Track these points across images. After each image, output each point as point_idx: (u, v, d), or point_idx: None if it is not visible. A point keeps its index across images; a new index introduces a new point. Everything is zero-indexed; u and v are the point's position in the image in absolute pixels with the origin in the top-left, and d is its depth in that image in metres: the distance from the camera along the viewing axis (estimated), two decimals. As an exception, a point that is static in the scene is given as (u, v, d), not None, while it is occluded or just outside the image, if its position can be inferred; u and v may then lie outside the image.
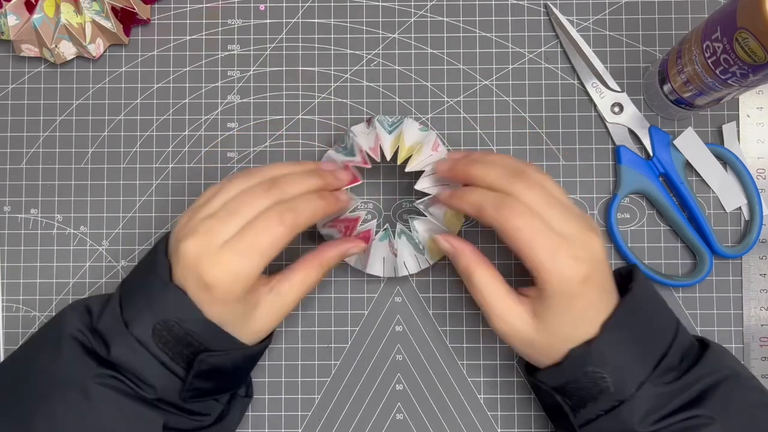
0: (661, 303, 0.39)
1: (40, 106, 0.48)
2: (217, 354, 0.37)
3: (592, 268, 0.36)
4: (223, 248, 0.36)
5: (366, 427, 0.46)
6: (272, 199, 0.37)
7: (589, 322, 0.36)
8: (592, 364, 0.36)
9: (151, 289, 0.37)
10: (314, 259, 0.39)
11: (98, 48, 0.47)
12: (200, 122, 0.47)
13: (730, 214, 0.47)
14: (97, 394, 0.35)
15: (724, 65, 0.38)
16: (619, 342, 0.36)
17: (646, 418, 0.35)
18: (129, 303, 0.37)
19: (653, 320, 0.38)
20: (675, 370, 0.36)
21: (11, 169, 0.47)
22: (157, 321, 0.36)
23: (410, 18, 0.48)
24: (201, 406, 0.39)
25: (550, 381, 0.37)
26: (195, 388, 0.37)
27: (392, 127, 0.44)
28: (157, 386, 0.36)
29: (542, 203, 0.36)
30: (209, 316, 0.36)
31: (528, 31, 0.48)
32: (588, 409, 0.36)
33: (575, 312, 0.36)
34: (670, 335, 0.37)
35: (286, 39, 0.48)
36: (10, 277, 0.47)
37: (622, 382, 0.35)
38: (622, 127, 0.47)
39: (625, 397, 0.35)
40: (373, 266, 0.44)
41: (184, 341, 0.36)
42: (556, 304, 0.36)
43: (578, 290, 0.35)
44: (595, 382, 0.36)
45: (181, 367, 0.36)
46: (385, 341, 0.46)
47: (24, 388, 0.36)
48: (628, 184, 0.46)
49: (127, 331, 0.36)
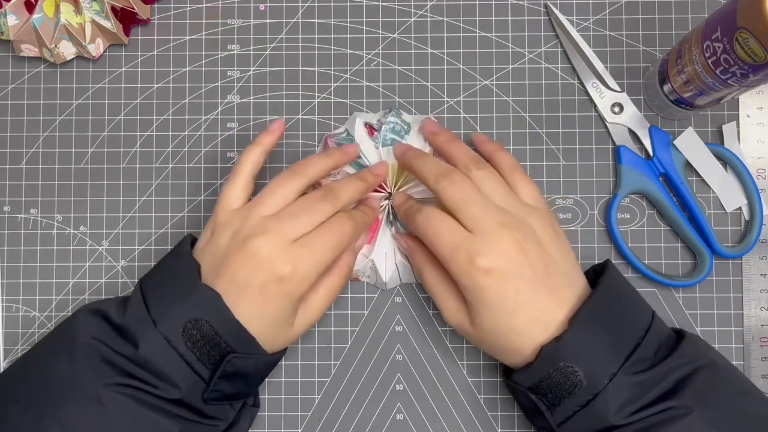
0: (634, 296, 0.39)
1: (40, 106, 0.48)
2: (243, 357, 0.37)
3: (496, 260, 0.37)
4: (295, 245, 0.38)
5: (366, 427, 0.46)
6: (333, 205, 0.40)
7: (510, 315, 0.37)
8: (562, 359, 0.36)
9: (181, 289, 0.37)
10: (336, 271, 0.42)
11: (98, 48, 0.47)
12: (200, 122, 0.47)
13: (730, 214, 0.47)
14: (111, 401, 0.35)
15: (724, 65, 0.38)
16: (588, 335, 0.36)
17: (622, 410, 0.35)
18: (156, 302, 0.37)
19: (625, 312, 0.38)
20: (649, 361, 0.36)
21: (11, 169, 0.47)
22: (188, 319, 0.36)
23: (410, 18, 0.48)
24: (218, 411, 0.39)
25: (525, 381, 0.37)
26: (218, 390, 0.37)
27: (394, 135, 0.45)
28: (183, 386, 0.36)
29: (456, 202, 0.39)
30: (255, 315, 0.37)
31: (528, 31, 0.48)
32: (564, 406, 0.36)
33: (490, 304, 0.37)
34: (643, 327, 0.37)
35: (286, 39, 0.48)
36: (10, 277, 0.47)
37: (594, 375, 0.35)
38: (622, 127, 0.47)
39: (598, 390, 0.35)
40: (379, 261, 0.44)
41: (213, 342, 0.36)
42: (469, 298, 0.38)
43: (482, 283, 0.37)
44: (567, 377, 0.36)
45: (207, 368, 0.37)
46: (385, 341, 0.46)
47: (37, 394, 0.36)
48: (628, 184, 0.46)
49: (155, 329, 0.36)
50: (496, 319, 0.37)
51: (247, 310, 0.37)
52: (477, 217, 0.38)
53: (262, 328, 0.38)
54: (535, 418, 0.39)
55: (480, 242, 0.37)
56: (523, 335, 0.37)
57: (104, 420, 0.35)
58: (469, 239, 0.37)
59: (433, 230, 0.38)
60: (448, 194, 0.39)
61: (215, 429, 0.39)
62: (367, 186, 0.43)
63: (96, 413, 0.35)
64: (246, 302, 0.37)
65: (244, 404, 0.42)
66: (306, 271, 0.37)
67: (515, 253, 0.37)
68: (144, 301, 0.37)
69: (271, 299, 0.37)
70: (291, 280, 0.37)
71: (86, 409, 0.35)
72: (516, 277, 0.37)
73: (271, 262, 0.37)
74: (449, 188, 0.39)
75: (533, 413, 0.39)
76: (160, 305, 0.37)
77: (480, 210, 0.38)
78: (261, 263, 0.37)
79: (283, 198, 0.39)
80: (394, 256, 0.44)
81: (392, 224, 0.44)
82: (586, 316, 0.36)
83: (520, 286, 0.37)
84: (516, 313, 0.37)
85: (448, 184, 0.39)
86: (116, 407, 0.35)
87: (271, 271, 0.37)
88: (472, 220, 0.38)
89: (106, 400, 0.35)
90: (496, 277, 0.37)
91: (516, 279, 0.37)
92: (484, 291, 0.37)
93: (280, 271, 0.37)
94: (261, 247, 0.37)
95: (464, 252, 0.37)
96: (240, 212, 0.39)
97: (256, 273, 0.37)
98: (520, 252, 0.37)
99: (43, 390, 0.36)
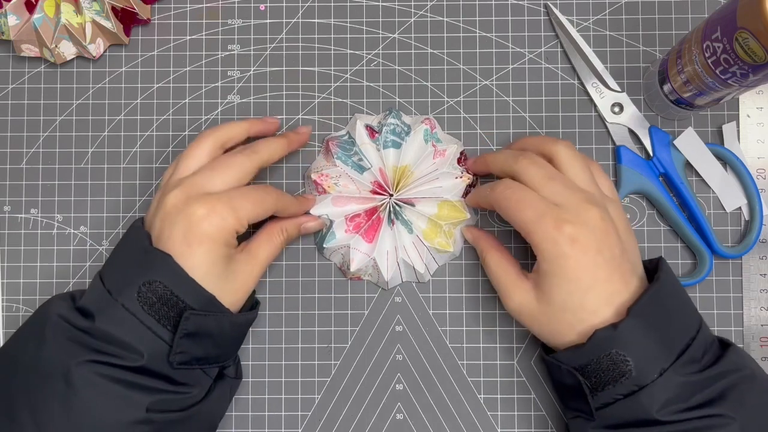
0: (686, 296, 0.39)
1: (40, 106, 0.48)
2: (202, 314, 0.37)
3: (581, 231, 0.37)
4: (211, 194, 0.38)
5: (366, 427, 0.46)
6: (251, 159, 0.41)
7: (585, 291, 0.37)
8: (616, 346, 0.36)
9: (134, 257, 0.38)
10: (276, 225, 0.43)
11: (98, 48, 0.47)
12: (200, 122, 0.47)
13: (730, 214, 0.47)
14: (80, 379, 0.35)
15: (724, 65, 0.38)
16: (644, 327, 0.36)
17: (666, 406, 0.35)
18: (111, 275, 0.38)
19: (678, 311, 0.38)
20: (697, 363, 0.36)
21: (11, 169, 0.47)
22: (141, 282, 0.36)
23: (410, 18, 0.48)
24: (189, 377, 0.38)
25: (571, 361, 0.37)
26: (183, 351, 0.37)
27: (395, 137, 0.45)
28: (145, 352, 0.36)
29: (540, 178, 0.39)
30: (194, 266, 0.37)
31: (528, 31, 0.48)
32: (606, 392, 0.36)
33: (568, 276, 0.37)
34: (695, 328, 0.37)
35: (286, 39, 0.48)
36: (10, 277, 0.47)
37: (644, 367, 0.35)
38: (622, 127, 0.47)
39: (645, 383, 0.35)
40: (380, 259, 0.44)
41: (170, 302, 0.36)
42: (548, 268, 0.37)
43: (566, 251, 0.37)
44: (617, 364, 0.36)
45: (168, 330, 0.37)
46: (385, 341, 0.46)
47: (11, 380, 0.36)
48: (628, 184, 0.46)
49: (111, 298, 0.37)
50: (570, 292, 0.37)
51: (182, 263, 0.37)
52: (561, 193, 0.38)
53: (202, 280, 0.37)
54: (570, 398, 0.39)
55: (567, 212, 0.37)
56: (593, 314, 0.37)
57: (72, 399, 0.35)
58: (556, 209, 0.37)
59: (517, 198, 0.38)
60: (532, 172, 0.39)
61: (188, 397, 0.38)
62: (287, 143, 0.44)
63: (64, 393, 0.35)
64: (178, 256, 0.37)
65: (223, 375, 0.41)
66: (222, 212, 0.38)
67: (600, 230, 0.37)
68: (101, 279, 0.38)
69: (195, 244, 0.37)
70: (208, 221, 0.37)
71: (54, 390, 0.35)
72: (597, 253, 0.37)
73: (188, 206, 0.37)
74: (532, 167, 0.39)
75: (570, 394, 0.39)
76: (115, 278, 0.38)
77: (563, 187, 0.38)
78: (177, 210, 0.38)
79: (196, 160, 0.41)
80: (396, 254, 0.44)
81: (393, 224, 0.45)
82: (644, 307, 0.36)
83: (600, 262, 0.37)
84: (592, 290, 0.37)
85: (530, 164, 0.39)
86: (84, 385, 0.35)
87: (187, 216, 0.37)
88: (556, 194, 0.38)
89: (75, 378, 0.35)
90: (580, 248, 0.37)
91: (597, 255, 0.37)
92: (566, 260, 0.37)
93: (195, 212, 0.37)
94: (176, 196, 0.38)
95: (551, 219, 0.37)
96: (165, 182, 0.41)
97: (174, 221, 0.37)
98: (603, 230, 0.37)
99: (14, 376, 0.36)
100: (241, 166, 0.40)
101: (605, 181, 0.42)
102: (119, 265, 0.39)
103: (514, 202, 0.38)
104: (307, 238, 0.47)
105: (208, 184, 0.39)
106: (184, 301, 0.37)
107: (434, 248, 0.45)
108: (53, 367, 0.35)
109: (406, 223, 0.45)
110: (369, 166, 0.44)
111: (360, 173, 0.45)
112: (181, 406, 0.38)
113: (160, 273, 0.37)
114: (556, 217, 0.37)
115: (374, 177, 0.45)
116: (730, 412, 0.35)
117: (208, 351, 0.39)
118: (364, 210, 0.45)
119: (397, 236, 0.44)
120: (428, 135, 0.45)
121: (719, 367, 0.36)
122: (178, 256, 0.37)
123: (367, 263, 0.44)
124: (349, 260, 0.44)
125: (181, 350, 0.37)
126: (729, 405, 0.35)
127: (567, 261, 0.37)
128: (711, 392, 0.35)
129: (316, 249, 0.47)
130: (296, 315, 0.46)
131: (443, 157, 0.45)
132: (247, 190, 0.40)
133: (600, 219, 0.37)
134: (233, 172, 0.40)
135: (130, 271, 0.37)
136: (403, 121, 0.46)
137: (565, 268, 0.37)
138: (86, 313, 0.37)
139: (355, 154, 0.45)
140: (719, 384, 0.36)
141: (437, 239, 0.44)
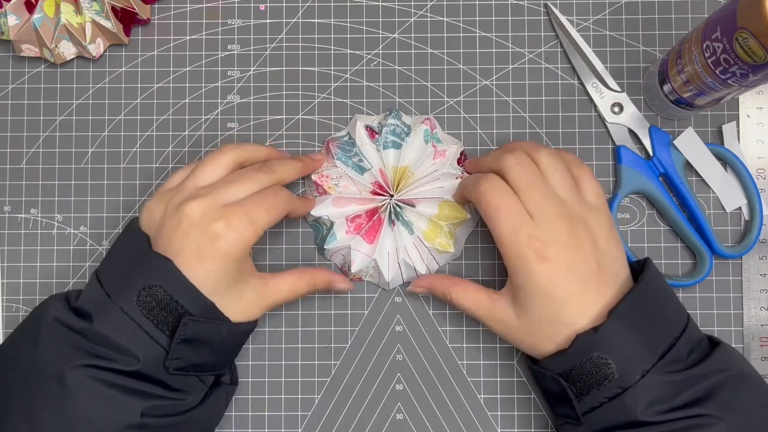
0: (671, 296, 0.39)
1: (40, 106, 0.48)
2: (201, 321, 0.37)
3: (551, 248, 0.37)
4: (228, 206, 0.38)
5: (366, 427, 0.46)
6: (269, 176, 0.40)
7: (559, 305, 0.37)
8: (597, 350, 0.36)
9: (133, 260, 0.38)
10: (306, 273, 0.42)
11: (98, 48, 0.47)
12: (200, 122, 0.47)
13: (730, 214, 0.47)
14: (75, 383, 0.35)
15: (724, 65, 0.38)
16: (625, 329, 0.36)
17: (650, 407, 0.35)
18: (109, 277, 0.38)
19: (662, 311, 0.38)
20: (681, 362, 0.36)
21: (11, 169, 0.47)
22: (142, 287, 0.36)
23: (410, 18, 0.48)
24: (184, 383, 0.38)
25: (555, 367, 0.37)
26: (180, 357, 0.37)
27: (395, 137, 0.45)
28: (141, 356, 0.36)
29: (522, 182, 0.39)
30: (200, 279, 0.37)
31: (528, 31, 0.48)
32: (591, 396, 0.36)
33: (541, 291, 0.37)
34: (679, 328, 0.37)
35: (286, 39, 0.48)
36: (10, 277, 0.47)
37: (626, 369, 0.35)
38: (622, 127, 0.47)
39: (628, 384, 0.35)
40: (381, 260, 0.44)
41: (169, 307, 0.36)
42: (520, 282, 0.38)
43: (536, 269, 0.37)
44: (599, 368, 0.36)
45: (166, 335, 0.36)
46: (385, 341, 0.46)
47: (6, 381, 0.36)
48: (628, 184, 0.46)
49: (110, 301, 0.36)
50: (544, 306, 0.37)
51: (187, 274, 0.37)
52: (538, 202, 0.38)
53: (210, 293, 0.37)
54: (558, 405, 0.39)
55: (539, 227, 0.37)
56: (570, 326, 0.37)
57: (67, 402, 0.35)
58: (530, 223, 0.37)
59: (497, 205, 0.38)
60: (516, 173, 0.39)
61: (183, 404, 0.38)
62: (303, 166, 0.44)
63: (58, 396, 0.35)
64: (185, 267, 0.37)
65: (219, 382, 0.41)
66: (239, 226, 0.37)
67: (571, 246, 0.37)
68: (98, 280, 0.38)
69: (208, 259, 0.37)
70: (225, 238, 0.37)
71: (48, 393, 0.35)
72: (569, 269, 0.37)
73: (204, 220, 0.37)
74: (517, 167, 0.39)
75: (557, 400, 0.39)
76: (113, 280, 0.37)
77: (542, 197, 0.38)
78: (194, 224, 0.37)
79: (214, 171, 0.40)
80: (397, 255, 0.44)
81: (393, 224, 0.45)
82: (624, 310, 0.36)
83: (572, 278, 0.37)
84: (566, 303, 0.37)
85: (516, 163, 0.39)
86: (78, 389, 0.35)
87: (203, 230, 0.37)
88: (533, 203, 0.38)
89: (69, 381, 0.35)
90: (551, 265, 0.37)
91: (568, 271, 0.37)
92: (537, 277, 0.37)
93: (212, 228, 0.37)
94: (193, 209, 0.37)
95: (524, 235, 0.37)
96: (177, 187, 0.40)
97: (189, 234, 0.37)
98: (575, 245, 0.37)
99: (11, 375, 0.36)
100: (260, 182, 0.40)
101: (592, 187, 0.41)
102: (118, 267, 0.38)
103: (494, 208, 0.38)
104: (308, 239, 0.47)
105: (226, 194, 0.39)
106: (183, 306, 0.36)
107: (435, 249, 0.45)
108: (48, 369, 0.35)
109: (406, 223, 0.45)
110: (369, 166, 0.44)
111: (360, 174, 0.45)
112: (176, 411, 0.38)
113: (160, 277, 0.36)
114: (528, 234, 0.37)
115: (374, 178, 0.45)
116: (717, 412, 0.35)
117: (204, 358, 0.38)
118: (364, 211, 0.45)
119: (397, 237, 0.44)
120: (428, 135, 0.45)
121: (706, 366, 0.36)
122: (185, 266, 0.37)
123: (368, 264, 0.44)
124: (350, 261, 0.44)
125: (178, 356, 0.37)
126: (716, 405, 0.35)
127: (538, 278, 0.37)
128: (697, 392, 0.35)
129: (317, 250, 0.47)
130: (296, 315, 0.46)
131: (443, 158, 0.45)
132: (260, 196, 0.39)
133: (570, 235, 0.37)
134: (253, 186, 0.40)
135: (129, 274, 0.37)
136: (403, 122, 0.46)
137: (537, 284, 0.37)
138: (83, 314, 0.37)
139: (355, 154, 0.45)
140: (706, 383, 0.35)
141: (438, 240, 0.44)
